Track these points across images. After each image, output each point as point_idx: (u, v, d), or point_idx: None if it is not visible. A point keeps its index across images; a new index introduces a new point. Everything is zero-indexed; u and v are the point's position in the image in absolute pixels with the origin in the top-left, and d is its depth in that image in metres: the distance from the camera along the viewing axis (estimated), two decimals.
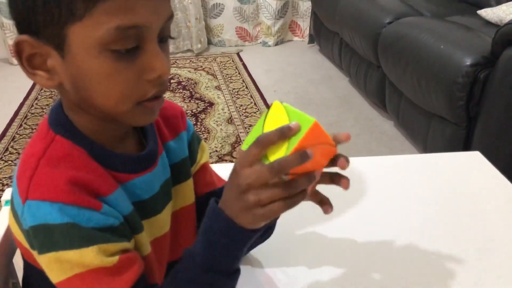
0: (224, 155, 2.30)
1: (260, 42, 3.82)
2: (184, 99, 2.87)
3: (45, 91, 2.98)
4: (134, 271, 0.57)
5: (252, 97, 2.89)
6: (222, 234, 0.55)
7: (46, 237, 0.53)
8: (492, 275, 0.76)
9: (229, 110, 2.73)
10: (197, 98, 2.88)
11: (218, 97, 2.89)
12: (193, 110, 2.73)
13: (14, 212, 0.59)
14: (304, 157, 0.50)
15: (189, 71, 3.28)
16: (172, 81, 3.10)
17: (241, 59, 3.50)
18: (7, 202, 0.77)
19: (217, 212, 0.56)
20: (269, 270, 0.77)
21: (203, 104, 2.80)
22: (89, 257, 0.53)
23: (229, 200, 0.55)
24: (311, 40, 3.63)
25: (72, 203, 0.53)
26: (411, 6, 2.53)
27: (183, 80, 3.14)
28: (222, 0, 3.66)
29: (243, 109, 2.75)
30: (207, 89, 3.00)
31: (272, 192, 0.52)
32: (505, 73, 1.67)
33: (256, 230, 0.56)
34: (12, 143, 2.44)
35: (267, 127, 0.54)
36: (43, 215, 0.53)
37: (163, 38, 0.57)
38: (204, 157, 0.77)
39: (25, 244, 0.58)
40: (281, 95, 2.92)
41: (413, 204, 0.92)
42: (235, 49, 3.71)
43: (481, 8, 2.37)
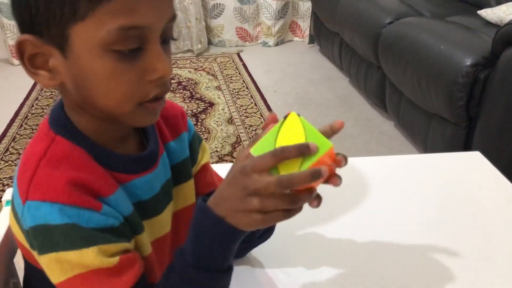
0: (224, 155, 2.30)
1: (261, 43, 3.82)
2: (185, 99, 2.87)
3: (45, 92, 2.98)
4: (135, 271, 0.57)
5: (252, 97, 2.89)
6: (210, 231, 0.55)
7: (46, 238, 0.54)
8: (492, 275, 0.76)
9: (229, 110, 2.73)
10: (197, 99, 2.88)
11: (219, 98, 2.89)
12: (194, 110, 2.73)
13: (14, 213, 0.59)
14: (316, 177, 0.51)
15: (190, 72, 3.28)
16: (173, 81, 3.11)
17: (241, 60, 3.49)
18: (8, 203, 0.77)
19: (205, 210, 0.55)
20: (269, 270, 0.77)
21: (203, 105, 2.80)
22: (89, 257, 0.53)
23: (228, 197, 0.54)
24: (311, 41, 3.63)
25: (72, 204, 0.53)
26: (411, 6, 2.52)
27: (184, 80, 3.14)
28: (222, 0, 3.66)
29: (243, 109, 2.75)
30: (207, 90, 3.00)
31: (276, 202, 0.52)
32: (505, 73, 1.67)
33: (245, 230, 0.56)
34: (12, 144, 2.44)
35: (281, 137, 0.54)
36: (43, 216, 0.53)
37: (166, 39, 0.57)
38: (205, 157, 0.77)
39: (25, 245, 0.58)
40: (281, 95, 2.92)
41: (413, 204, 0.92)
42: (236, 49, 3.71)
43: (481, 8, 2.36)
